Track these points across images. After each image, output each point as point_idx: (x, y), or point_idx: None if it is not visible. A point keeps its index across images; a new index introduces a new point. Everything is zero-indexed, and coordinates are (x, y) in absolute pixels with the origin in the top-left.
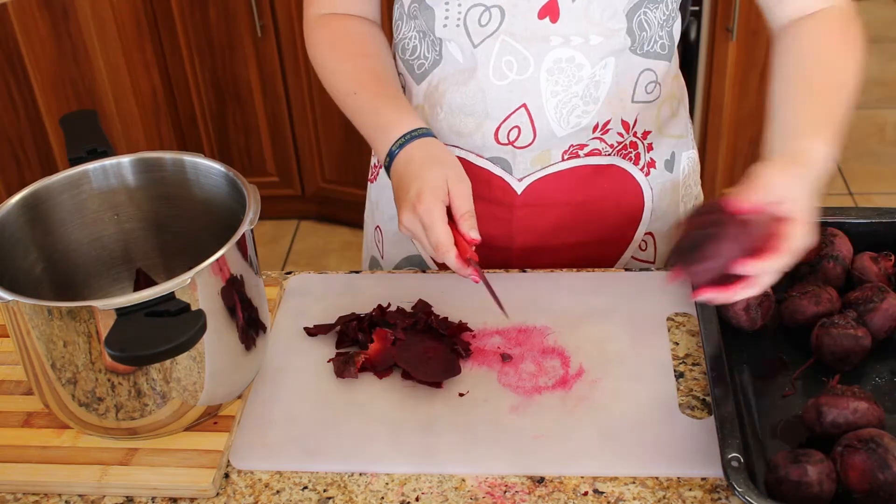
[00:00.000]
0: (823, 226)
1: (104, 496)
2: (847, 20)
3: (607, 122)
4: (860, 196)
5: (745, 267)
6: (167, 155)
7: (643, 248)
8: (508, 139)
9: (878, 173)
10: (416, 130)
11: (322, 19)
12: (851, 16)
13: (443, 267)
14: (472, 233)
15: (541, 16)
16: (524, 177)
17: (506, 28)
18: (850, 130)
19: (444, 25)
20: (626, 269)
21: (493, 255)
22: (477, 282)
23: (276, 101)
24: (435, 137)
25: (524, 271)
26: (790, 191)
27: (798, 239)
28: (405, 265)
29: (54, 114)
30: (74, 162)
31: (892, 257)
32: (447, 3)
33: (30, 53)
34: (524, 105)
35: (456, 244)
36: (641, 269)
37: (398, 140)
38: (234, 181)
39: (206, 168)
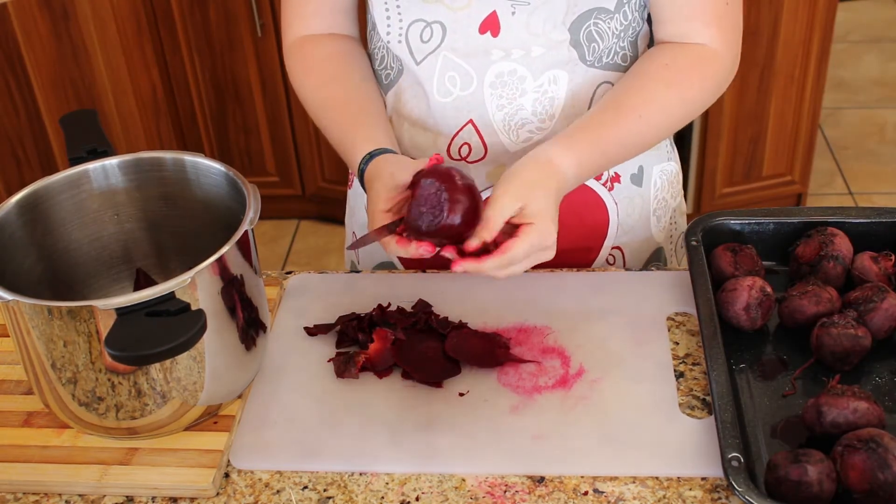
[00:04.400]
0: (823, 226)
1: (104, 496)
2: (707, 61)
3: None
4: (860, 196)
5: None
6: (167, 155)
7: (611, 262)
8: (460, 155)
9: (878, 173)
10: (363, 159)
11: (297, 44)
12: (714, 59)
13: (437, 267)
14: (387, 220)
15: (482, 30)
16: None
17: (448, 44)
18: (851, 130)
19: (388, 42)
20: (626, 269)
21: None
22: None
23: (276, 101)
24: (381, 155)
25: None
26: (533, 202)
27: (536, 240)
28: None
29: (54, 114)
30: (74, 162)
31: (892, 257)
32: (388, 18)
33: (30, 53)
34: (471, 121)
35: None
36: (641, 269)
37: (358, 172)
38: (234, 181)
39: (206, 168)
